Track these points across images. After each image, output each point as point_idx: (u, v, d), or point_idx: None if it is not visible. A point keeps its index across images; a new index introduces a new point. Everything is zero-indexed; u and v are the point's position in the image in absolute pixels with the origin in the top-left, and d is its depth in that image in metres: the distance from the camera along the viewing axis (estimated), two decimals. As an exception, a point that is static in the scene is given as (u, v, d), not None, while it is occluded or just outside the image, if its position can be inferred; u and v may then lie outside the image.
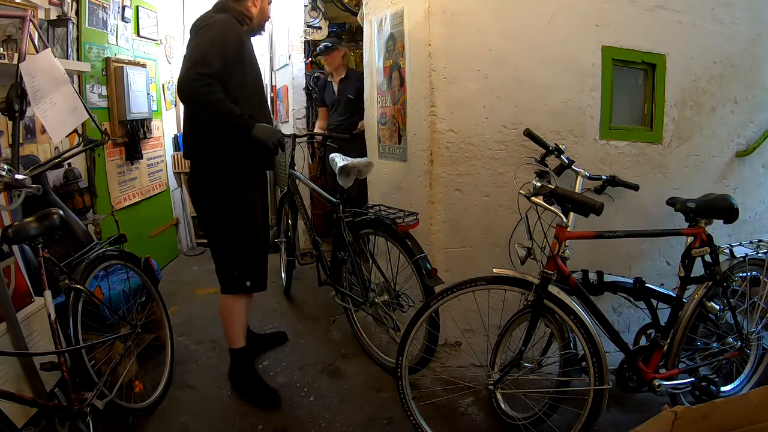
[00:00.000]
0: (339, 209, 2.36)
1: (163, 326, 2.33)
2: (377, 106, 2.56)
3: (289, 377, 2.27)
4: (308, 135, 3.57)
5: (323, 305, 3.01)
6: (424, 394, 2.06)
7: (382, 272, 2.24)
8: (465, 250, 2.14)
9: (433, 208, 2.12)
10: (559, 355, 1.71)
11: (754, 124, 2.37)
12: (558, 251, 1.62)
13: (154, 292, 2.31)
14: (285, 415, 1.99)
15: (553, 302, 1.60)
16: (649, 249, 2.28)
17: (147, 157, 3.69)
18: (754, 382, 1.97)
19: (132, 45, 3.47)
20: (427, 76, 2.04)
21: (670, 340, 1.75)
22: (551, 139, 2.06)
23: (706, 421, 1.05)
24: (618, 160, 2.19)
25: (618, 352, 1.75)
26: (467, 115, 2.05)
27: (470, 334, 2.12)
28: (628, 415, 1.93)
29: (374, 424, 1.93)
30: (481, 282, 1.66)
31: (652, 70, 2.20)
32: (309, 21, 4.26)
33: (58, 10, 2.64)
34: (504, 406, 1.86)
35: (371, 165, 2.39)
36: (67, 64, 2.53)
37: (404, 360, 1.75)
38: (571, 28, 2.07)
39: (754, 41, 2.30)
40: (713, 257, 1.76)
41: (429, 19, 2.00)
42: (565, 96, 2.10)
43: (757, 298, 1.84)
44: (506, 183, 2.08)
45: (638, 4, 2.11)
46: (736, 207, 1.73)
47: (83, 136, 2.66)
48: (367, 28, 2.63)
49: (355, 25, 4.64)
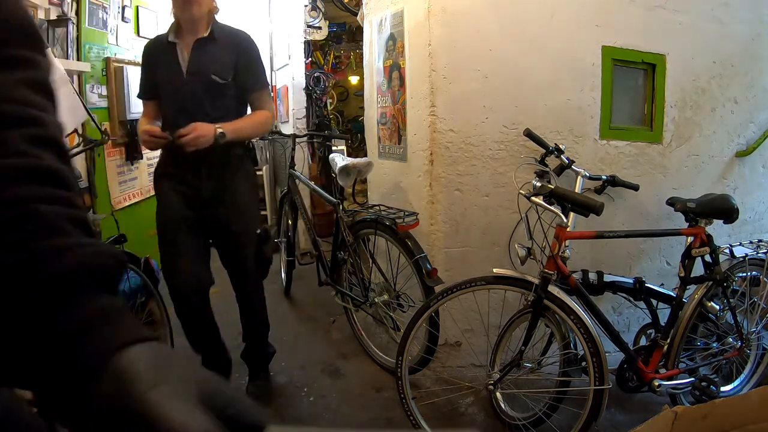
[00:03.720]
0: (339, 209, 2.36)
1: (163, 326, 2.32)
2: (377, 106, 2.56)
3: (289, 377, 2.26)
4: (308, 135, 3.57)
5: (323, 305, 3.01)
6: (424, 394, 2.06)
7: (382, 272, 2.24)
8: (465, 250, 2.14)
9: (433, 208, 2.12)
10: (559, 355, 1.71)
11: (754, 124, 2.37)
12: (558, 251, 1.61)
13: (154, 292, 2.31)
14: (285, 415, 1.99)
15: (553, 302, 1.60)
16: (649, 249, 2.28)
17: (147, 157, 3.68)
18: (754, 382, 1.97)
19: (132, 45, 3.47)
20: (427, 76, 2.04)
21: (670, 340, 1.74)
22: (551, 139, 2.06)
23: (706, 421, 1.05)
24: (618, 160, 2.19)
25: (618, 352, 1.75)
26: (467, 115, 2.05)
27: (470, 334, 2.12)
28: (628, 415, 1.93)
29: (374, 424, 1.93)
30: (481, 282, 1.66)
31: (652, 70, 2.20)
32: (309, 21, 4.26)
33: (58, 10, 2.64)
34: (504, 406, 1.86)
35: (371, 165, 2.39)
36: (67, 64, 2.53)
37: (404, 360, 1.75)
38: (571, 27, 2.07)
39: (754, 41, 2.30)
40: (713, 257, 1.75)
41: (429, 19, 2.00)
42: (565, 96, 2.10)
43: (757, 298, 1.84)
44: (506, 183, 2.08)
45: (638, 4, 2.11)
46: (736, 207, 1.73)
47: (83, 136, 2.66)
48: (367, 28, 2.63)
49: (355, 25, 4.65)
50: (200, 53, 1.82)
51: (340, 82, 6.18)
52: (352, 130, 6.05)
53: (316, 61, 4.86)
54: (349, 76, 6.31)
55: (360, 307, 2.35)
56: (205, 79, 1.81)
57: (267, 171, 4.51)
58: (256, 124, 1.95)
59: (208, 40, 1.83)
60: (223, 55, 1.84)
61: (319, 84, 4.38)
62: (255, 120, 1.95)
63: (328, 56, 5.48)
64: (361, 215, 2.32)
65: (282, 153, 3.73)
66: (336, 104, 5.95)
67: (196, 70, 1.82)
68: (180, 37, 1.84)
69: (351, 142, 5.55)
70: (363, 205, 2.65)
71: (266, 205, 4.55)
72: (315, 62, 4.57)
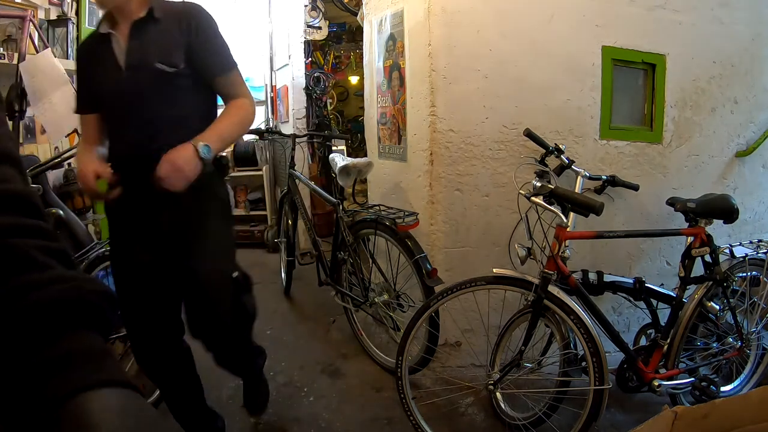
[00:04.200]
0: (339, 209, 2.36)
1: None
2: (377, 106, 2.56)
3: (289, 377, 2.26)
4: (308, 135, 3.58)
5: (323, 305, 3.01)
6: (424, 394, 2.06)
7: (382, 272, 2.24)
8: (465, 250, 2.14)
9: (433, 208, 2.12)
10: (559, 355, 1.71)
11: (754, 124, 2.37)
12: (558, 251, 1.61)
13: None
14: (285, 415, 1.99)
15: (553, 302, 1.60)
16: (649, 249, 2.28)
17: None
18: (754, 382, 1.97)
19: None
20: (427, 76, 2.04)
21: (670, 340, 1.74)
22: (551, 139, 2.06)
23: (706, 421, 1.05)
24: (618, 160, 2.19)
25: (618, 352, 1.75)
26: (467, 115, 2.05)
27: (470, 334, 2.12)
28: (628, 415, 1.93)
29: (374, 424, 1.93)
30: (481, 282, 1.66)
31: (652, 70, 2.20)
32: (309, 21, 4.26)
33: (58, 10, 2.64)
34: (504, 406, 1.86)
35: (371, 165, 2.40)
36: (67, 64, 2.52)
37: (404, 360, 1.75)
38: (571, 28, 2.07)
39: (754, 41, 2.30)
40: (713, 257, 1.76)
41: (429, 19, 2.00)
42: (565, 96, 2.10)
43: (757, 298, 1.84)
44: (506, 183, 2.08)
45: (638, 4, 2.11)
46: (736, 207, 1.73)
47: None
48: (367, 28, 2.63)
49: (355, 25, 4.65)
50: (140, 39, 1.37)
51: (340, 82, 6.18)
52: (352, 130, 6.05)
53: (316, 61, 4.86)
54: (349, 76, 6.30)
55: (360, 307, 2.35)
56: (148, 70, 1.36)
57: (267, 171, 4.51)
58: (238, 122, 1.48)
59: (148, 21, 1.38)
60: (168, 37, 1.38)
61: (319, 84, 4.38)
62: (235, 116, 1.47)
63: (328, 56, 5.48)
64: (361, 215, 2.32)
65: (282, 153, 3.73)
66: (336, 104, 5.95)
67: (136, 62, 1.37)
68: (115, 27, 1.39)
69: (351, 142, 5.55)
70: (363, 205, 2.65)
71: (266, 206, 4.56)
72: (315, 62, 4.57)
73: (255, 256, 4.14)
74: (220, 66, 1.47)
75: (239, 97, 1.49)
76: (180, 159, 1.30)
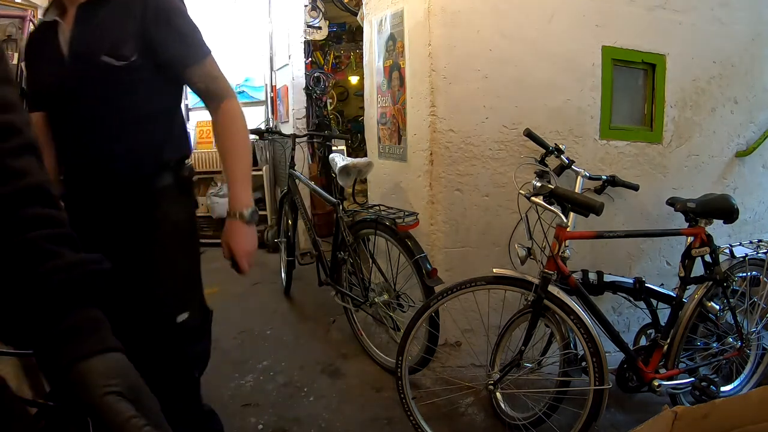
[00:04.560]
0: (339, 209, 2.36)
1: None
2: (377, 106, 2.56)
3: (289, 377, 2.26)
4: (308, 135, 3.58)
5: (323, 305, 3.01)
6: (424, 394, 2.06)
7: (382, 272, 2.24)
8: (465, 250, 2.14)
9: (433, 208, 2.12)
10: (559, 355, 1.71)
11: (754, 124, 2.37)
12: (558, 251, 1.62)
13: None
14: (285, 415, 1.99)
15: (553, 302, 1.60)
16: (649, 249, 2.28)
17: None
18: (754, 382, 1.97)
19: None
20: (427, 76, 2.04)
21: (670, 340, 1.75)
22: (551, 139, 2.06)
23: (706, 421, 1.05)
24: (618, 160, 2.19)
25: (618, 352, 1.75)
26: (467, 115, 2.05)
27: (470, 334, 2.12)
28: (628, 415, 1.93)
29: (374, 424, 1.93)
30: (481, 282, 1.66)
31: (652, 70, 2.20)
32: (309, 21, 4.27)
33: (58, 10, 2.64)
34: (504, 406, 1.86)
35: (371, 165, 2.40)
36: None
37: (404, 360, 1.75)
38: (571, 28, 2.07)
39: (754, 41, 2.30)
40: (713, 257, 1.76)
41: (429, 19, 2.00)
42: (565, 96, 2.10)
43: (757, 298, 1.84)
44: (506, 183, 2.08)
45: (638, 4, 2.11)
46: (736, 207, 1.73)
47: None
48: (367, 28, 2.63)
49: (355, 25, 4.65)
50: (86, 25, 1.14)
51: (340, 82, 6.19)
52: (352, 130, 6.06)
53: (316, 61, 4.86)
54: (349, 76, 6.31)
55: (360, 307, 2.35)
56: (93, 63, 1.12)
57: (267, 171, 4.51)
58: (243, 143, 1.28)
59: (96, 4, 1.14)
60: (118, 23, 1.13)
61: (319, 84, 4.39)
62: (236, 136, 1.26)
63: (328, 56, 5.49)
64: (361, 215, 2.32)
65: (282, 153, 3.73)
66: (336, 104, 5.96)
67: (81, 51, 1.14)
68: (64, 14, 1.18)
69: (351, 142, 5.56)
70: (363, 205, 2.65)
71: (266, 205, 4.56)
72: (315, 62, 4.58)
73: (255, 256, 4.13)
74: (189, 55, 1.21)
75: (223, 98, 1.25)
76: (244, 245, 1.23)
